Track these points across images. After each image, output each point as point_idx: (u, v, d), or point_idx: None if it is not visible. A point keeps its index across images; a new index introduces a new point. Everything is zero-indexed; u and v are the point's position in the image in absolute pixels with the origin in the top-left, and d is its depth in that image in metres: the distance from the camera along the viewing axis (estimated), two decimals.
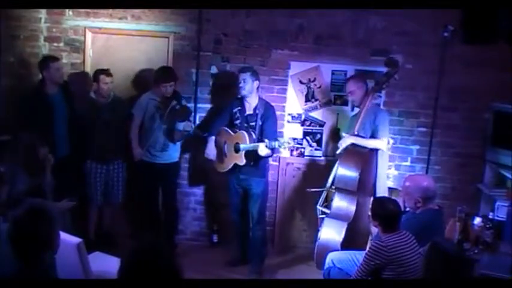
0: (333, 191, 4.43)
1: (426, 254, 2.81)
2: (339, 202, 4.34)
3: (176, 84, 4.83)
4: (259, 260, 4.78)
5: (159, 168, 4.89)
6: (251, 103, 4.65)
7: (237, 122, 4.68)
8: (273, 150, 4.55)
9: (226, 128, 4.71)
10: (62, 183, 4.18)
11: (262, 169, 4.70)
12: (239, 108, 4.68)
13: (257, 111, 4.60)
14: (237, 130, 4.63)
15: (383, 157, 4.56)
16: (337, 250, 4.14)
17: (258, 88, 4.68)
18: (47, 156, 4.03)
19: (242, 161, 4.54)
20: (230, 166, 4.64)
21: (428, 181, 3.76)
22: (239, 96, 4.70)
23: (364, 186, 4.37)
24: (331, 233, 4.31)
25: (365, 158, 4.38)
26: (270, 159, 5.05)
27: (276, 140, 4.42)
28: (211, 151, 4.72)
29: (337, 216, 4.33)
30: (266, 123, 4.57)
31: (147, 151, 4.85)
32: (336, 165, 4.47)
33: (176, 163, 5.04)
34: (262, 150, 4.40)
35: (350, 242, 4.22)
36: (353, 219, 4.29)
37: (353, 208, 4.29)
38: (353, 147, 4.44)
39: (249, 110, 4.65)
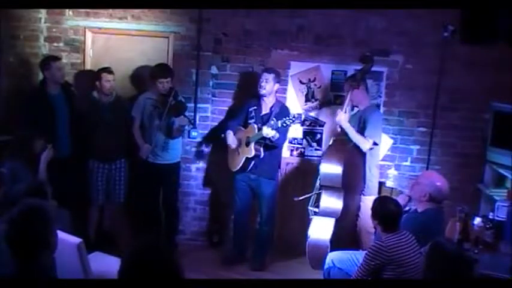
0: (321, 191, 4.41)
1: (428, 253, 2.80)
2: (326, 200, 4.32)
3: (174, 82, 4.83)
4: (261, 256, 4.85)
5: (161, 169, 4.89)
6: (268, 103, 4.69)
7: (251, 121, 4.71)
8: (278, 130, 4.44)
9: (240, 127, 4.77)
10: (64, 183, 4.18)
11: (272, 169, 4.76)
12: (255, 107, 4.73)
13: (272, 110, 4.65)
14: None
15: (372, 155, 4.51)
16: (327, 247, 4.13)
17: (276, 91, 4.72)
18: (44, 149, 4.05)
19: (251, 153, 4.56)
20: (242, 162, 4.65)
21: (443, 183, 3.77)
22: (257, 95, 4.72)
23: (350, 183, 4.33)
24: (319, 230, 4.29)
25: (347, 154, 4.35)
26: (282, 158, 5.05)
27: (279, 119, 4.41)
28: (233, 141, 4.72)
29: (325, 214, 4.32)
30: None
31: (150, 151, 4.85)
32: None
33: (178, 163, 5.04)
34: (267, 132, 4.40)
35: (339, 239, 4.21)
36: (341, 216, 4.27)
37: (340, 204, 4.27)
38: (335, 144, 4.45)
39: (265, 110, 4.70)
